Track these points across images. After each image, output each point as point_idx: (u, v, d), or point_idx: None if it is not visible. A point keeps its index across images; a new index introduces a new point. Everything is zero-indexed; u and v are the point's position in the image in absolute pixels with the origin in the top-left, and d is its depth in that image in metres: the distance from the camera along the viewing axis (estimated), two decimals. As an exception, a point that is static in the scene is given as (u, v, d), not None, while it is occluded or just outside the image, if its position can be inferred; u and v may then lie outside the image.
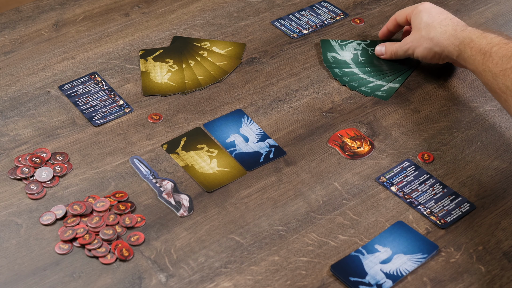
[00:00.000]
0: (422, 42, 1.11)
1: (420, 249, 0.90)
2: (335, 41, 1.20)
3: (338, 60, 1.17)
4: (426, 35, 1.10)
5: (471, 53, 1.04)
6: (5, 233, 0.91)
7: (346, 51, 1.18)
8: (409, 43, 1.13)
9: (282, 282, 0.87)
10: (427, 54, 1.11)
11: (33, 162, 0.99)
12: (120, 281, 0.86)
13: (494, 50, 1.00)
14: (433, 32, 1.10)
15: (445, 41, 1.08)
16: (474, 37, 1.04)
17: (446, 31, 1.09)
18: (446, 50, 1.08)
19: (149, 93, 1.11)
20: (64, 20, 1.25)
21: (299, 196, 0.97)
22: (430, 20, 1.11)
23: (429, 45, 1.10)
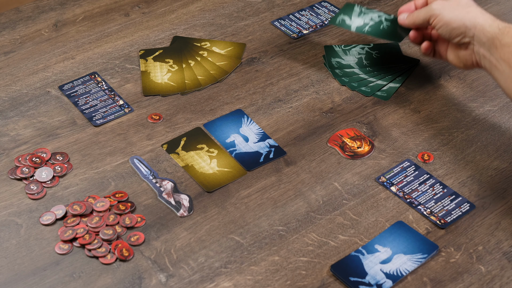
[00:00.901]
0: (455, 8, 1.00)
1: (420, 249, 0.90)
2: (338, 47, 1.20)
3: (342, 65, 1.17)
4: (461, 5, 1.00)
5: (510, 40, 0.92)
6: (5, 233, 0.91)
7: (350, 55, 1.18)
8: (437, 4, 1.02)
9: (282, 282, 0.87)
10: (454, 21, 0.99)
11: (33, 162, 0.99)
12: (120, 281, 0.86)
13: None
14: (469, 8, 0.99)
15: (482, 19, 0.97)
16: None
17: (484, 14, 0.98)
18: (478, 27, 0.97)
19: (149, 93, 1.11)
20: (64, 20, 1.25)
21: (299, 196, 0.97)
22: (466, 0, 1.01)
23: (461, 14, 0.99)
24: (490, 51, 0.96)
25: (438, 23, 1.01)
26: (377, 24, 1.13)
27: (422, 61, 1.18)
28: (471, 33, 0.98)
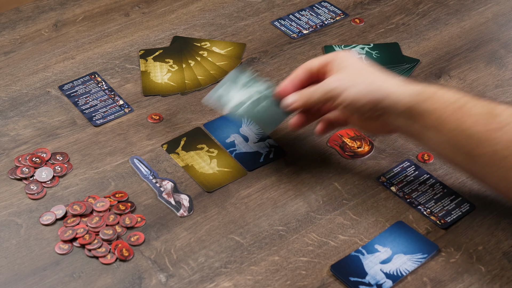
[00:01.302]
0: (357, 83, 0.88)
1: (420, 249, 0.90)
2: (338, 47, 1.20)
3: None
4: (363, 76, 0.89)
5: (434, 106, 0.84)
6: (5, 233, 0.91)
7: None
8: (336, 81, 0.89)
9: (282, 282, 0.87)
10: (360, 97, 0.87)
11: (33, 162, 0.99)
12: (120, 281, 0.86)
13: (469, 106, 0.83)
14: (373, 76, 0.89)
15: (392, 87, 0.87)
16: (436, 88, 0.86)
17: (391, 78, 0.89)
18: (389, 99, 0.87)
19: (149, 93, 1.11)
20: (64, 20, 1.25)
21: (299, 196, 0.97)
22: (365, 65, 0.90)
23: (366, 88, 0.87)
24: (412, 119, 0.87)
25: (343, 103, 0.89)
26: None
27: (422, 61, 1.18)
28: (382, 106, 0.88)
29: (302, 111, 0.95)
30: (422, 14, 1.27)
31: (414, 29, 1.24)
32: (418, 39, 1.22)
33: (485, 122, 0.82)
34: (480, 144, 0.82)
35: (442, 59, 1.18)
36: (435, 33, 1.23)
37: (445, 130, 0.85)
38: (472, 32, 1.23)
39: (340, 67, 0.90)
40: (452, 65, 1.17)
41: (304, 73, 0.94)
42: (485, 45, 1.21)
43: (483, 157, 0.82)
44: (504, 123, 0.81)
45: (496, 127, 0.81)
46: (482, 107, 0.83)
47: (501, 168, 0.82)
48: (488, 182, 0.86)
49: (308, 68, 0.93)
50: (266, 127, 0.97)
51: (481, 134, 0.82)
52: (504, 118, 0.82)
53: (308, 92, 0.92)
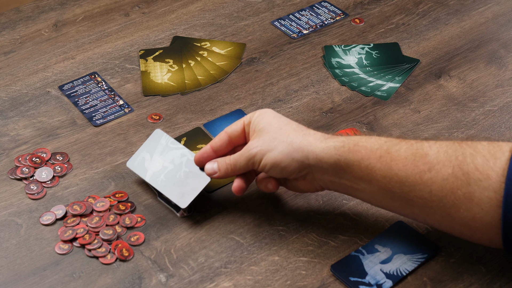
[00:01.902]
0: (276, 145, 0.86)
1: (420, 249, 0.90)
2: (338, 47, 1.20)
3: (342, 65, 1.17)
4: (281, 138, 0.86)
5: (359, 155, 0.82)
6: (5, 233, 0.91)
7: (350, 55, 1.18)
8: (255, 147, 0.87)
9: (282, 282, 0.87)
10: (282, 159, 0.85)
11: (33, 162, 0.99)
12: (120, 281, 0.86)
13: (395, 149, 0.82)
14: (292, 135, 0.86)
15: (313, 143, 0.85)
16: (357, 138, 0.84)
17: (311, 134, 0.86)
18: (312, 156, 0.85)
19: (149, 93, 1.11)
20: (64, 20, 1.25)
21: (299, 196, 0.97)
22: (282, 123, 0.88)
23: (287, 149, 0.85)
24: (338, 175, 0.85)
25: (265, 167, 0.87)
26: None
27: (422, 61, 1.18)
28: (305, 165, 0.86)
29: (239, 175, 0.91)
30: (422, 14, 1.27)
31: (414, 29, 1.24)
32: (418, 39, 1.22)
33: (414, 164, 0.80)
34: (414, 188, 0.81)
35: (442, 59, 1.18)
36: (435, 33, 1.23)
37: (376, 178, 0.83)
38: (472, 32, 1.23)
39: (258, 129, 0.88)
40: (452, 65, 1.17)
41: (223, 141, 0.91)
42: (485, 45, 1.21)
43: (420, 200, 0.81)
44: (434, 163, 0.80)
45: (427, 168, 0.79)
46: (408, 149, 0.81)
47: (441, 208, 0.80)
48: (431, 222, 0.84)
49: (227, 136, 0.91)
50: (184, 201, 0.91)
51: (413, 178, 0.80)
52: (432, 158, 0.80)
53: (232, 161, 0.89)
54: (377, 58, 1.18)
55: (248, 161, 0.88)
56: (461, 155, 0.79)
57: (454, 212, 0.79)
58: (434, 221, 0.83)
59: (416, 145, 0.82)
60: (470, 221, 0.79)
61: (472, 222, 0.79)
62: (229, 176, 0.91)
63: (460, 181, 0.78)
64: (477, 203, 0.78)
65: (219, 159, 0.91)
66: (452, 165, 0.79)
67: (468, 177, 0.78)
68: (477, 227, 0.79)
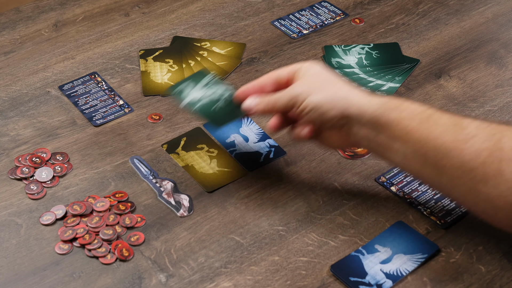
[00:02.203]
0: (321, 89, 0.88)
1: (420, 249, 0.90)
2: (338, 47, 1.20)
3: (342, 65, 1.17)
4: (327, 85, 0.88)
5: (400, 116, 0.84)
6: (5, 233, 0.91)
7: (350, 55, 1.18)
8: (300, 87, 0.89)
9: (282, 282, 0.87)
10: (324, 103, 0.87)
11: (33, 162, 0.99)
12: (120, 281, 0.86)
13: (436, 117, 0.83)
14: (339, 85, 0.88)
15: (357, 96, 0.87)
16: (402, 100, 0.86)
17: (357, 89, 0.88)
18: (354, 107, 0.86)
19: (149, 93, 1.11)
20: (64, 20, 1.25)
21: (299, 196, 0.97)
22: (332, 74, 0.90)
23: (331, 95, 0.87)
24: (377, 130, 0.86)
25: (306, 108, 0.88)
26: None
27: (422, 61, 1.18)
28: (346, 114, 0.87)
29: (279, 114, 0.93)
30: (422, 14, 1.27)
31: (414, 29, 1.24)
32: (418, 39, 1.22)
33: (453, 133, 0.81)
34: (447, 154, 0.81)
35: (442, 59, 1.18)
36: (435, 33, 1.23)
37: (412, 140, 0.83)
38: (472, 32, 1.23)
39: (308, 75, 0.90)
40: (452, 65, 1.17)
41: (270, 80, 0.93)
42: (485, 45, 1.21)
43: (451, 169, 0.81)
44: (471, 135, 0.81)
45: (464, 138, 0.80)
46: (449, 119, 0.83)
47: (469, 180, 0.81)
48: (456, 195, 0.84)
49: (274, 77, 0.93)
50: (216, 123, 0.96)
51: (449, 145, 0.81)
52: (470, 131, 0.81)
53: (273, 98, 0.91)
54: (377, 58, 1.18)
55: (290, 100, 0.88)
56: (499, 133, 0.80)
57: (481, 187, 0.79)
58: (459, 194, 0.83)
59: (457, 118, 0.83)
60: (495, 198, 0.79)
61: (497, 200, 0.79)
62: (266, 113, 0.92)
63: (493, 157, 0.78)
64: (505, 180, 0.78)
65: (261, 95, 0.92)
66: (488, 140, 0.79)
67: (502, 154, 0.78)
68: (501, 206, 0.79)
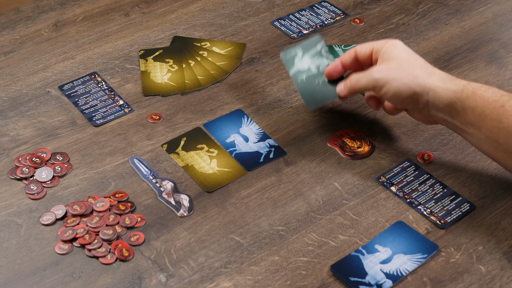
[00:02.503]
0: (401, 76, 0.91)
1: (420, 249, 0.90)
2: (338, 47, 1.20)
3: None
4: (407, 70, 0.91)
5: (475, 104, 0.87)
6: (5, 233, 0.91)
7: None
8: (380, 72, 0.92)
9: (282, 282, 0.87)
10: (404, 91, 0.91)
11: (33, 162, 0.99)
12: (120, 281, 0.86)
13: (509, 104, 0.85)
14: (417, 70, 0.91)
15: (435, 82, 0.90)
16: (478, 85, 0.88)
17: (436, 73, 0.91)
18: (431, 93, 0.90)
19: (149, 93, 1.11)
20: (64, 20, 1.25)
21: (299, 196, 0.97)
22: (412, 57, 0.93)
23: (410, 82, 0.91)
24: (452, 115, 0.91)
25: (386, 94, 0.93)
26: (314, 77, 1.02)
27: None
28: (424, 100, 0.91)
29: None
30: (422, 14, 1.27)
31: (414, 29, 1.24)
32: (418, 39, 1.22)
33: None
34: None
35: (442, 59, 1.18)
36: (435, 33, 1.23)
37: (485, 127, 0.88)
38: (472, 32, 1.23)
39: (387, 57, 0.93)
40: (452, 65, 1.17)
41: (352, 55, 0.98)
42: (485, 45, 1.21)
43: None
44: None
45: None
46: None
47: None
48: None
49: (357, 52, 0.98)
50: (311, 104, 1.02)
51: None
52: None
53: (353, 79, 0.96)
54: (377, 58, 1.18)
55: (369, 83, 0.93)
56: None
57: None
58: None
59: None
60: None
61: None
62: (352, 94, 0.98)
63: None
64: None
65: (345, 80, 0.98)
66: None
67: None
68: None
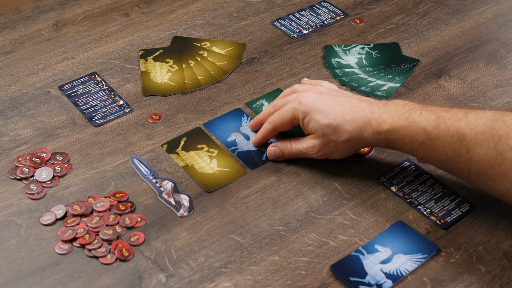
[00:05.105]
0: (337, 147, 0.96)
1: (420, 249, 0.90)
2: (338, 47, 1.20)
3: (342, 65, 1.17)
4: (338, 139, 0.95)
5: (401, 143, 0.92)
6: (5, 233, 0.91)
7: (350, 55, 1.18)
8: (320, 149, 0.97)
9: (282, 282, 0.87)
10: (349, 153, 0.97)
11: (33, 162, 0.99)
12: (120, 281, 0.86)
13: (434, 136, 0.89)
14: (345, 126, 0.94)
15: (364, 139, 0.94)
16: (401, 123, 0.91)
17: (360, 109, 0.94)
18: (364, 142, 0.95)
19: (149, 93, 1.11)
20: (64, 20, 1.25)
21: (299, 196, 0.97)
22: (332, 116, 0.95)
23: (347, 146, 0.95)
24: (389, 147, 0.95)
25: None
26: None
27: (422, 61, 1.18)
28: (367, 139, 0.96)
29: None
30: (422, 14, 1.27)
31: (414, 29, 1.24)
32: (418, 39, 1.22)
33: (453, 148, 0.87)
34: (454, 166, 0.89)
35: (442, 59, 1.18)
36: (435, 33, 1.23)
37: (420, 156, 0.93)
38: (472, 32, 1.23)
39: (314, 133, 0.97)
40: (452, 65, 1.17)
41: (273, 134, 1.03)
42: (485, 45, 1.21)
43: (462, 174, 0.89)
44: (471, 144, 0.86)
45: (465, 150, 0.86)
46: (447, 134, 0.88)
47: (480, 180, 0.87)
48: (477, 187, 0.91)
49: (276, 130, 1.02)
50: None
51: (452, 160, 0.88)
52: (470, 139, 0.86)
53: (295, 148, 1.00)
54: (377, 58, 1.18)
55: (314, 156, 0.99)
56: (496, 135, 0.83)
57: (492, 184, 0.86)
58: (478, 186, 0.89)
59: (456, 125, 0.87)
60: (505, 193, 0.85)
61: (506, 194, 0.85)
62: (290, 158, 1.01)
63: (494, 161, 0.83)
64: (510, 179, 0.83)
65: (278, 143, 1.01)
66: (487, 146, 0.84)
67: (502, 157, 0.83)
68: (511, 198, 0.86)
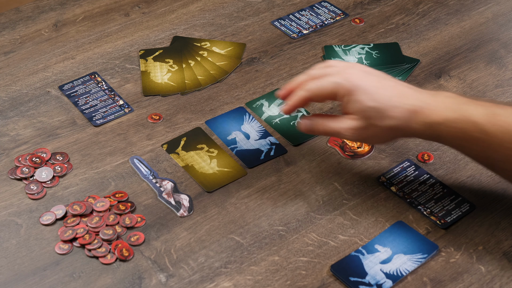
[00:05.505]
0: (377, 133, 0.89)
1: (420, 249, 0.90)
2: (338, 47, 1.20)
3: None
4: (382, 124, 0.88)
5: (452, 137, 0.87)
6: (5, 233, 0.91)
7: (350, 55, 1.18)
8: (358, 132, 0.90)
9: (282, 282, 0.87)
10: (386, 142, 0.92)
11: (33, 162, 0.99)
12: (120, 281, 0.86)
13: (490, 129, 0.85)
14: (391, 112, 0.87)
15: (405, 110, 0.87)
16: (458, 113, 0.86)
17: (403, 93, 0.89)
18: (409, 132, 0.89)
19: (149, 93, 1.11)
20: (64, 20, 1.25)
21: (299, 196, 0.97)
22: (379, 99, 0.88)
23: (389, 133, 0.89)
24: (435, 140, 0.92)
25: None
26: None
27: (422, 61, 1.18)
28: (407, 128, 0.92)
29: None
30: (422, 14, 1.27)
31: (414, 29, 1.24)
32: (418, 39, 1.22)
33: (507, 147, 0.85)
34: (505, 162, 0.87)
35: (442, 59, 1.18)
36: (435, 33, 1.23)
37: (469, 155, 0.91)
38: (472, 32, 1.23)
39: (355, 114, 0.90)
40: (452, 65, 1.17)
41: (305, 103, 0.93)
42: (485, 45, 1.21)
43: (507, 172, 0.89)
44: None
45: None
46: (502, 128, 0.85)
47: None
48: None
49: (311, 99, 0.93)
50: (294, 140, 1.04)
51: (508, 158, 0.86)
52: None
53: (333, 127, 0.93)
54: (377, 58, 1.18)
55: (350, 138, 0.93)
56: None
57: None
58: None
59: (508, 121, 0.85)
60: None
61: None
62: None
63: None
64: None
65: (313, 118, 0.94)
66: None
67: None
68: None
